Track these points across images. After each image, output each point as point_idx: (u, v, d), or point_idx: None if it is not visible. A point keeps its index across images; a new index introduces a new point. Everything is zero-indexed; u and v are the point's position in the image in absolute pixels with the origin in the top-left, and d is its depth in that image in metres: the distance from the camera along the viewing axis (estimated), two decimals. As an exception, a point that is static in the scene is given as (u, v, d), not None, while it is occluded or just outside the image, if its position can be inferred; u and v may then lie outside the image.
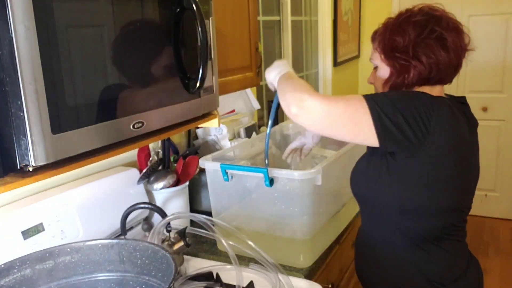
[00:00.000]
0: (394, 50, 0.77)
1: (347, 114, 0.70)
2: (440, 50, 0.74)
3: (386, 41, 0.78)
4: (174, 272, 0.58)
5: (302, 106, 0.71)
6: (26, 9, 0.51)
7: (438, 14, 0.77)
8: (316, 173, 0.90)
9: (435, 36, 0.74)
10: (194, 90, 0.79)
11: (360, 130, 0.70)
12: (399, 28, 0.76)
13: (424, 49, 0.74)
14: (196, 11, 0.74)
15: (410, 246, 0.80)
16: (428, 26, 0.75)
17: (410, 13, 0.78)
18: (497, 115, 2.62)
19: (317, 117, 0.71)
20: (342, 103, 0.70)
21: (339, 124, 0.71)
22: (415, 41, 0.74)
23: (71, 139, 0.58)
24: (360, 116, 0.70)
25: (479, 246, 2.44)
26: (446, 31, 0.75)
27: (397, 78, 0.78)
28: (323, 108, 0.70)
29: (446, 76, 0.79)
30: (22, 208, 0.81)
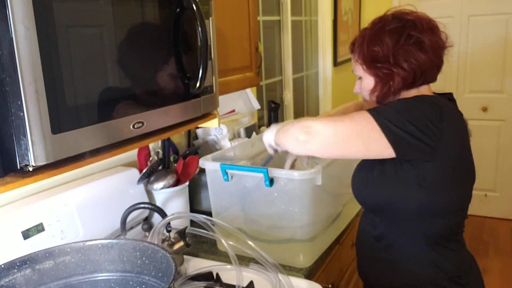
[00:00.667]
0: (375, 61, 0.77)
1: (355, 131, 0.71)
2: (419, 54, 0.75)
3: (365, 52, 0.78)
4: (174, 272, 0.58)
5: (309, 132, 0.72)
6: (26, 9, 0.51)
7: (411, 18, 0.78)
8: (316, 173, 0.90)
9: (412, 41, 0.75)
10: (194, 90, 0.79)
11: (371, 145, 0.71)
12: (376, 38, 0.77)
13: (404, 56, 0.75)
14: (196, 11, 0.74)
15: (429, 245, 0.80)
16: (404, 32, 0.75)
17: (384, 21, 0.78)
18: (497, 115, 2.62)
19: (326, 139, 0.71)
20: (348, 121, 0.71)
21: (349, 143, 0.71)
22: (393, 49, 0.75)
23: (71, 139, 0.58)
24: (369, 131, 0.70)
25: (479, 246, 2.44)
26: (422, 34, 0.75)
27: (383, 87, 0.79)
28: (330, 129, 0.71)
29: (431, 76, 0.80)
30: (22, 208, 0.81)
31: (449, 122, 0.72)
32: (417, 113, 0.70)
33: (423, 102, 0.73)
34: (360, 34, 0.82)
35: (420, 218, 0.78)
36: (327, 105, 2.47)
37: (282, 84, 2.10)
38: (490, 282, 2.13)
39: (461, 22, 2.59)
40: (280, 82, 2.08)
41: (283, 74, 2.08)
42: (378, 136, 0.70)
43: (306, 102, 2.41)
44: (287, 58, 2.06)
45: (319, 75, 2.45)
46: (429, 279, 0.82)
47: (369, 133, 0.70)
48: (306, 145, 0.73)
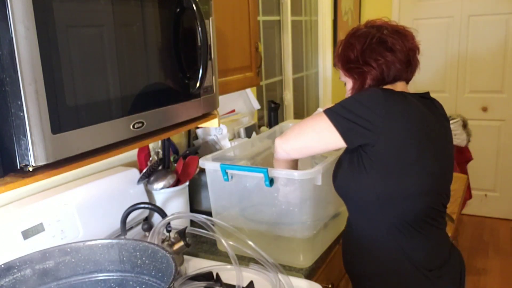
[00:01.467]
0: (349, 63, 0.88)
1: (312, 128, 0.84)
2: (384, 52, 0.84)
3: (342, 58, 0.90)
4: (174, 272, 0.58)
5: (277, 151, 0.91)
6: (26, 9, 0.51)
7: (379, 23, 0.88)
8: (316, 173, 0.90)
9: (375, 41, 0.85)
10: (194, 90, 0.79)
11: (326, 137, 0.82)
12: (348, 43, 0.89)
13: (370, 54, 0.85)
14: (196, 11, 0.74)
15: (392, 233, 0.84)
16: (370, 35, 0.86)
17: (355, 29, 0.90)
18: (497, 115, 2.62)
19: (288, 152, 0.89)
20: (305, 122, 0.86)
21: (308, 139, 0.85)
22: (362, 50, 0.85)
23: (71, 139, 0.58)
24: (322, 125, 0.82)
25: (479, 246, 2.43)
26: (386, 35, 0.85)
27: (359, 86, 0.88)
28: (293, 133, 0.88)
29: (401, 73, 0.86)
30: (22, 208, 0.81)
31: (390, 109, 0.78)
32: (356, 102, 0.80)
33: (364, 93, 0.82)
34: (338, 44, 0.93)
35: (378, 204, 0.83)
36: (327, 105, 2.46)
37: (282, 84, 2.10)
38: (490, 282, 2.13)
39: (461, 22, 2.59)
40: (280, 82, 2.08)
41: (283, 74, 2.08)
42: (331, 129, 0.81)
43: (306, 102, 2.41)
44: (287, 58, 2.06)
45: (319, 75, 2.45)
46: (396, 266, 0.85)
47: (323, 128, 0.82)
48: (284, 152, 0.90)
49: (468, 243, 2.45)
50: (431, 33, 2.59)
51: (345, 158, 0.88)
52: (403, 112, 0.79)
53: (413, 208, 0.82)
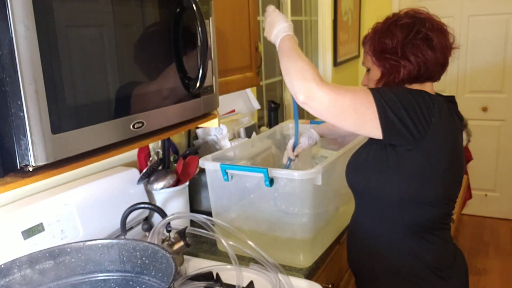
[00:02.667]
0: (384, 52, 0.81)
1: (354, 106, 0.73)
2: (427, 50, 0.79)
3: (376, 44, 0.82)
4: (174, 272, 0.58)
5: (310, 96, 0.74)
6: (26, 9, 0.51)
7: (423, 16, 0.81)
8: (316, 173, 0.90)
9: (421, 37, 0.79)
10: (194, 90, 0.79)
11: (365, 122, 0.74)
12: (387, 31, 0.81)
13: (411, 49, 0.79)
14: (196, 11, 0.74)
15: (409, 236, 0.83)
16: (414, 28, 0.79)
17: (397, 17, 0.82)
18: (497, 115, 2.62)
19: (324, 108, 0.74)
20: (349, 95, 0.74)
21: (345, 115, 0.74)
22: (403, 42, 0.79)
23: (71, 139, 0.58)
24: (365, 109, 0.73)
25: (479, 246, 2.43)
26: (431, 32, 0.79)
27: (388, 78, 0.82)
28: (330, 100, 0.73)
29: (434, 74, 0.83)
30: (22, 208, 0.81)
31: (438, 118, 0.75)
32: (412, 101, 0.74)
33: (418, 94, 0.76)
34: (373, 28, 0.85)
35: (399, 207, 0.81)
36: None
37: (282, 84, 2.10)
38: (490, 282, 2.13)
39: (461, 22, 2.59)
40: (280, 82, 2.08)
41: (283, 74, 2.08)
42: (372, 116, 0.73)
43: (306, 102, 2.41)
44: (287, 58, 2.06)
45: (319, 75, 2.44)
46: (407, 268, 0.84)
47: (366, 112, 0.73)
48: (304, 106, 0.76)
49: (468, 243, 2.45)
50: (431, 33, 2.60)
51: (368, 153, 0.83)
52: (445, 121, 0.76)
53: (433, 213, 0.81)
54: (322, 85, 0.73)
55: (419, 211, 0.80)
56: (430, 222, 0.82)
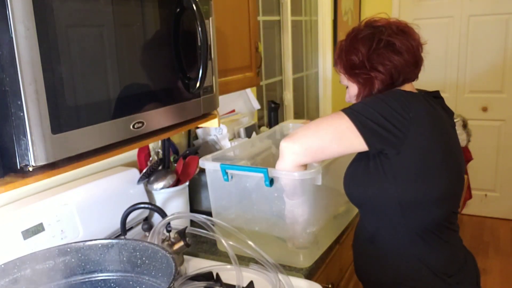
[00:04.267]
0: (354, 68, 0.83)
1: (332, 129, 0.77)
2: (392, 55, 0.80)
3: (344, 62, 0.84)
4: (174, 272, 0.58)
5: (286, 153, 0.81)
6: (26, 9, 0.51)
7: (381, 24, 0.83)
8: (316, 173, 0.90)
9: (383, 45, 0.80)
10: (194, 90, 0.79)
11: (348, 140, 0.76)
12: (351, 47, 0.83)
13: (378, 59, 0.80)
14: (196, 11, 0.74)
15: (414, 241, 0.81)
16: (375, 38, 0.80)
17: (356, 31, 0.84)
18: (497, 115, 2.62)
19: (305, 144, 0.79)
20: (324, 122, 0.78)
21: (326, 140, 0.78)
22: (367, 55, 0.81)
23: (71, 139, 0.58)
24: (344, 127, 0.75)
25: (479, 246, 2.43)
26: (391, 37, 0.80)
27: (365, 91, 0.84)
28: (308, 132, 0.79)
29: (409, 75, 0.83)
30: (22, 208, 0.81)
31: (417, 113, 0.75)
32: (384, 104, 0.75)
33: (389, 95, 0.77)
34: (338, 46, 0.87)
35: (401, 212, 0.80)
36: (327, 105, 2.47)
37: (282, 84, 2.10)
38: (490, 282, 2.13)
39: (461, 22, 2.59)
40: (280, 82, 2.08)
41: (283, 74, 2.08)
42: (352, 130, 0.75)
43: (306, 102, 2.41)
44: (287, 58, 2.06)
45: (319, 75, 2.45)
46: (414, 274, 0.82)
47: (345, 130, 0.75)
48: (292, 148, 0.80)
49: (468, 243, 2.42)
50: (431, 33, 2.59)
51: (360, 164, 0.83)
52: (427, 115, 0.75)
53: (436, 213, 0.79)
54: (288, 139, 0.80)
55: (422, 213, 0.79)
56: (435, 224, 0.80)
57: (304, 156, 0.81)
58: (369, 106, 0.75)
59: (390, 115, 0.73)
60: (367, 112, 0.74)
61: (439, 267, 0.81)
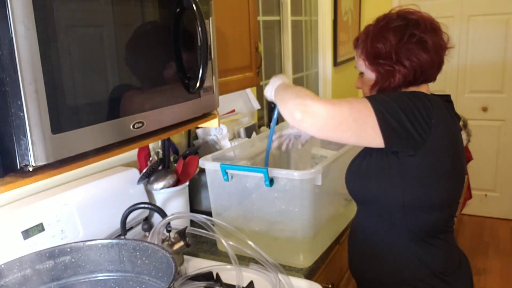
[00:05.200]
0: (377, 57, 0.79)
1: (352, 116, 0.70)
2: (421, 53, 0.76)
3: (369, 48, 0.80)
4: (174, 272, 0.58)
5: (306, 111, 0.71)
6: (26, 9, 0.51)
7: (415, 17, 0.79)
8: (316, 173, 0.90)
9: (415, 40, 0.76)
10: (194, 90, 0.79)
11: (365, 131, 0.71)
12: (380, 35, 0.78)
13: (406, 53, 0.76)
14: (196, 11, 0.74)
15: (414, 241, 0.81)
16: (407, 31, 0.77)
17: (388, 19, 0.80)
18: (497, 115, 2.62)
19: (321, 121, 0.70)
20: (346, 106, 0.71)
21: (344, 127, 0.71)
22: (396, 47, 0.77)
23: (71, 139, 0.58)
24: (364, 118, 0.70)
25: (479, 246, 2.43)
26: (425, 33, 0.77)
27: (384, 83, 0.80)
28: (328, 112, 0.70)
29: (430, 76, 0.82)
30: (22, 208, 0.81)
31: (438, 119, 0.74)
32: (410, 104, 0.72)
33: (416, 97, 0.75)
34: (364, 30, 0.82)
35: (403, 213, 0.79)
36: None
37: (282, 84, 2.09)
38: (490, 282, 2.13)
39: (461, 22, 2.59)
40: (280, 82, 2.08)
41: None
42: (372, 123, 0.70)
43: (306, 102, 2.40)
44: (287, 58, 2.06)
45: (319, 75, 2.45)
46: (412, 274, 0.83)
47: (365, 121, 0.70)
48: (301, 124, 0.72)
49: (468, 243, 2.45)
50: (431, 33, 2.60)
51: (368, 161, 0.81)
52: (445, 123, 0.74)
53: (438, 216, 0.79)
54: (316, 100, 0.71)
55: (424, 215, 0.79)
56: (435, 226, 0.81)
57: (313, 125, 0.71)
58: (396, 103, 0.71)
59: (414, 118, 0.71)
60: (392, 110, 0.70)
61: (437, 266, 0.82)
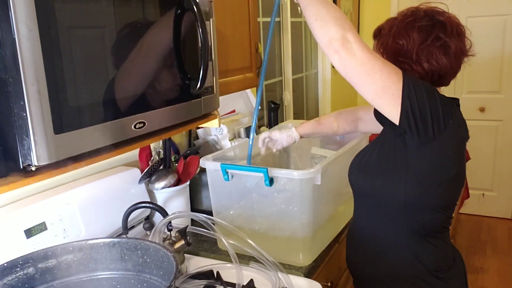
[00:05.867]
0: (397, 54, 0.77)
1: (381, 72, 0.68)
2: (442, 57, 0.75)
3: (390, 42, 0.77)
4: (175, 270, 0.58)
5: (346, 46, 0.68)
6: (28, 10, 0.51)
7: (443, 19, 0.77)
8: (316, 173, 0.91)
9: (439, 44, 0.75)
10: (195, 91, 0.80)
11: (386, 93, 0.69)
12: (404, 31, 0.76)
13: (427, 56, 0.75)
14: (196, 12, 0.75)
15: (411, 238, 0.82)
16: (433, 33, 0.74)
17: (415, 16, 0.77)
18: (494, 116, 2.63)
19: (354, 62, 0.68)
20: (381, 61, 0.70)
21: (370, 78, 0.68)
22: (419, 47, 0.75)
23: (73, 139, 0.59)
24: (392, 82, 0.69)
25: (477, 245, 2.44)
26: (450, 38, 0.75)
27: None
28: (363, 56, 0.68)
29: (446, 81, 0.81)
30: (25, 207, 0.82)
31: (454, 123, 0.74)
32: (438, 99, 0.71)
33: (443, 98, 0.74)
34: (388, 22, 0.80)
35: (403, 210, 0.80)
36: (327, 106, 2.47)
37: (282, 85, 2.10)
38: (487, 281, 2.14)
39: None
40: (280, 82, 2.09)
41: (283, 75, 2.09)
42: (396, 91, 0.68)
43: (306, 103, 2.42)
44: (286, 59, 2.07)
45: (318, 76, 2.46)
46: (409, 271, 0.83)
47: (391, 84, 0.68)
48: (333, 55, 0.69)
49: (466, 242, 2.46)
50: (429, 33, 2.61)
51: (374, 154, 0.81)
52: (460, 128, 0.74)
53: (437, 216, 0.80)
54: (359, 40, 0.68)
55: (423, 214, 0.79)
56: (433, 225, 0.81)
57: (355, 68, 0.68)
58: (426, 90, 0.69)
59: (436, 112, 0.70)
60: (420, 92, 0.68)
61: (433, 263, 0.83)
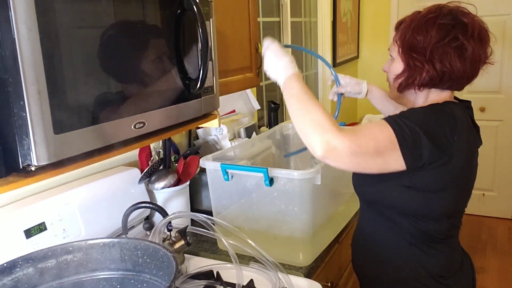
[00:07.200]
0: (412, 49, 0.75)
1: (377, 151, 0.68)
2: (456, 60, 0.73)
3: (408, 36, 0.76)
4: (175, 270, 0.58)
5: (329, 149, 0.67)
6: (28, 10, 0.51)
7: (466, 21, 0.74)
8: (316, 173, 0.91)
9: (455, 45, 0.73)
10: (195, 91, 0.80)
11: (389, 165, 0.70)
12: (423, 26, 0.74)
13: (440, 56, 0.73)
14: (196, 12, 0.75)
15: (415, 244, 0.82)
16: (452, 33, 0.73)
17: (438, 13, 0.75)
18: (494, 116, 2.63)
19: (345, 160, 0.68)
20: (371, 141, 0.68)
21: (369, 163, 0.69)
22: (434, 45, 0.73)
23: (73, 139, 0.59)
24: (389, 151, 0.69)
25: (477, 245, 2.45)
26: (468, 41, 0.73)
27: (409, 77, 0.78)
28: (352, 150, 0.67)
29: (457, 85, 0.79)
30: (24, 207, 0.82)
31: (459, 136, 0.72)
32: (435, 127, 0.70)
33: (440, 114, 0.72)
34: (412, 16, 0.78)
35: (408, 217, 0.80)
36: (326, 106, 2.47)
37: (281, 84, 2.10)
38: (488, 281, 2.14)
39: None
40: (279, 82, 2.09)
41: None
42: (397, 157, 0.68)
43: (306, 102, 2.41)
44: (286, 58, 2.07)
45: (318, 76, 2.46)
46: (411, 275, 0.83)
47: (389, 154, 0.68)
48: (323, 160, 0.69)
49: (466, 242, 2.45)
50: (429, 33, 2.61)
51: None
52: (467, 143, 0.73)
53: (443, 224, 0.79)
54: (338, 134, 0.66)
55: (429, 222, 0.79)
56: (438, 233, 0.81)
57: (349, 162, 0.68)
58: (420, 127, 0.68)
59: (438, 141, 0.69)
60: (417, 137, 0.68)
61: (437, 270, 0.82)
